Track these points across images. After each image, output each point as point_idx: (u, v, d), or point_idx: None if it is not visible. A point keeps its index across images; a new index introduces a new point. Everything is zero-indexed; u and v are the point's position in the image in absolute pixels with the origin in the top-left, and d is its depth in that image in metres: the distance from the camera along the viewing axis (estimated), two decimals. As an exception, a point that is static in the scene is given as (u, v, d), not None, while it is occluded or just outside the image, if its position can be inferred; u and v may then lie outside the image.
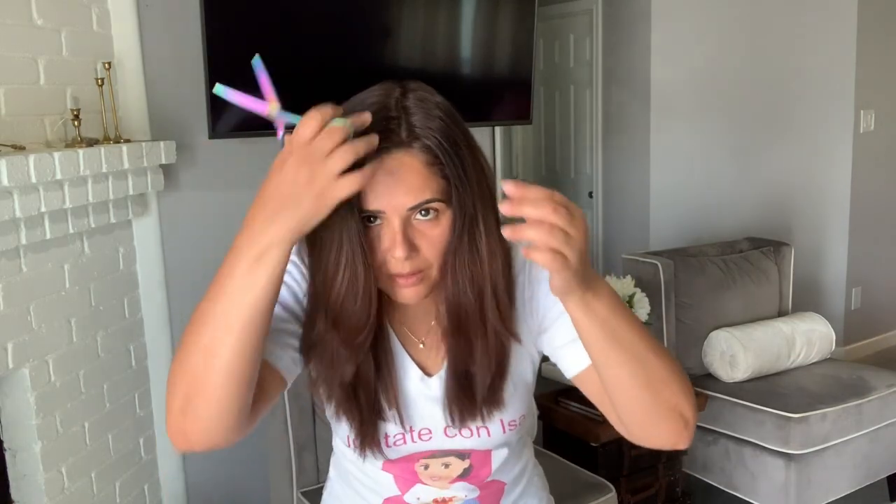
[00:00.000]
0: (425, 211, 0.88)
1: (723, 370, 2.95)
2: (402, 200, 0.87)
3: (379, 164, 0.84)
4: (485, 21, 2.92)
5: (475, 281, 0.92)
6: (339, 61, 2.60)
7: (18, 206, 1.80)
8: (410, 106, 0.89)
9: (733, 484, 2.84)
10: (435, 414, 1.02)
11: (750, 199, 4.04)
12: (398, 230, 0.87)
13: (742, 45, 3.90)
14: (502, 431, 1.04)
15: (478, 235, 0.91)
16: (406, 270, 0.89)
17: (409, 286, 0.91)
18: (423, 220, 0.88)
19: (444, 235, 0.89)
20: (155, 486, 2.54)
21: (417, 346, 1.03)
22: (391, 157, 0.86)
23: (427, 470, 1.07)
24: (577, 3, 4.16)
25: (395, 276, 0.90)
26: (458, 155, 0.89)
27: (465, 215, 0.89)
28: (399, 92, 0.90)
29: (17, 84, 1.95)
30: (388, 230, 0.88)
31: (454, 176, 0.88)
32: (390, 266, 0.90)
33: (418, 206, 0.87)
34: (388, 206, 0.87)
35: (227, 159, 2.58)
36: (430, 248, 0.89)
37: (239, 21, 2.43)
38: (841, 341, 4.23)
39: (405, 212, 0.87)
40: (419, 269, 0.90)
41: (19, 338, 1.94)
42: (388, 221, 0.88)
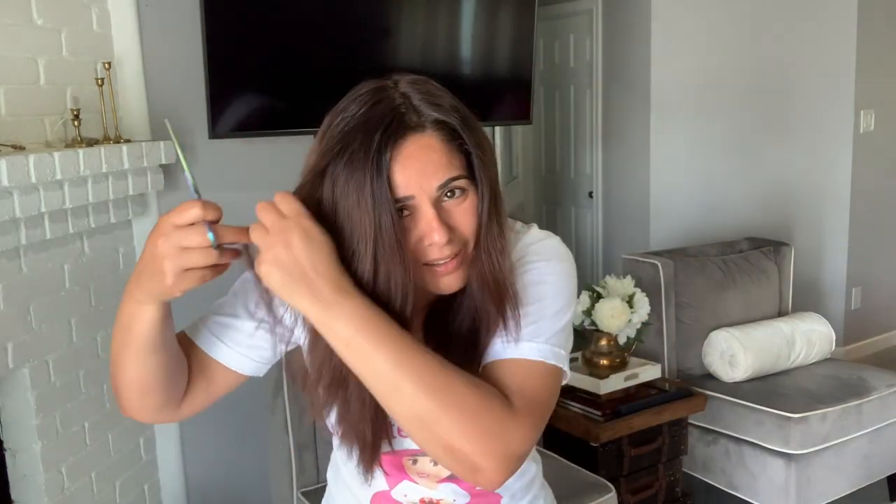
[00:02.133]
0: (451, 191, 0.88)
1: (723, 370, 2.95)
2: (430, 182, 0.86)
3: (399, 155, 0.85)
4: (485, 21, 2.92)
5: (505, 253, 0.91)
6: (339, 61, 2.60)
7: (18, 206, 1.80)
8: (409, 91, 0.89)
9: (733, 484, 2.84)
10: None
11: (750, 199, 4.04)
12: (433, 214, 0.86)
13: (742, 46, 3.90)
14: None
15: (502, 208, 0.91)
16: (446, 254, 0.88)
17: (450, 272, 0.89)
18: (451, 200, 0.88)
19: (474, 212, 0.89)
20: (155, 486, 2.54)
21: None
22: (409, 143, 0.86)
23: (415, 465, 1.05)
24: (577, 3, 4.16)
25: (433, 266, 0.89)
26: (470, 126, 0.89)
27: (490, 188, 0.90)
28: (391, 83, 0.90)
29: (17, 84, 1.96)
30: (420, 217, 0.87)
31: (474, 146, 0.89)
32: (427, 254, 0.88)
33: (446, 183, 0.87)
34: (417, 190, 0.86)
35: (227, 159, 2.58)
36: (464, 226, 0.89)
37: (239, 21, 2.43)
38: (841, 341, 4.23)
39: (435, 192, 0.87)
40: (457, 253, 0.89)
41: (19, 338, 1.94)
42: (418, 208, 0.87)
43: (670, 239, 3.73)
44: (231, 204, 2.73)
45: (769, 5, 3.95)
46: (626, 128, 3.94)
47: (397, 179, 0.85)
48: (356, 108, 0.88)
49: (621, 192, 4.04)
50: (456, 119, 0.88)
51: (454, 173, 0.87)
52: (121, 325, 0.89)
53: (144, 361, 0.89)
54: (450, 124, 0.88)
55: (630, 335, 2.59)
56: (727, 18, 3.85)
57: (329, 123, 0.89)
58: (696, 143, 3.87)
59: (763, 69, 3.97)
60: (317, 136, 0.91)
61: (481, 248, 0.90)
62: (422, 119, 0.87)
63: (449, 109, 0.89)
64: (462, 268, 0.90)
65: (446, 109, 0.88)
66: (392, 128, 0.85)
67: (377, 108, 0.87)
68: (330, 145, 0.87)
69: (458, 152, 0.88)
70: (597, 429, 2.44)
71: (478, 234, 0.90)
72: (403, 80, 0.90)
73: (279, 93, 2.55)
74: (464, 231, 0.89)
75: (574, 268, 1.00)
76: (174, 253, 0.80)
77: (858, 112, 4.25)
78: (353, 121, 0.87)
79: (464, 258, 0.90)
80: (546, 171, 4.79)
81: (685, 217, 3.86)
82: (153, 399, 0.94)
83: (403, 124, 0.86)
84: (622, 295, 2.56)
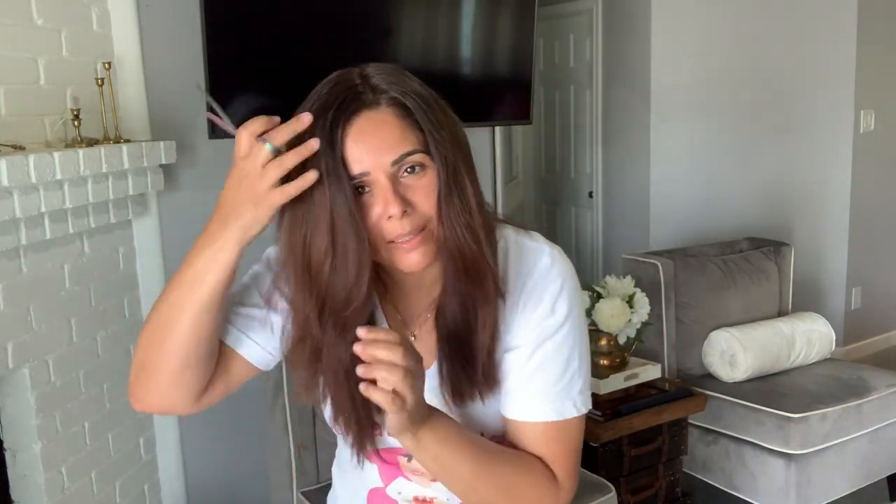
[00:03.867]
0: (411, 167, 0.88)
1: (723, 370, 2.95)
2: (383, 157, 0.87)
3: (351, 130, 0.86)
4: (485, 21, 2.92)
5: (472, 228, 0.91)
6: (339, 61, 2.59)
7: (18, 206, 1.79)
8: (371, 73, 0.91)
9: (733, 484, 2.84)
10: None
11: (750, 199, 4.04)
12: (388, 188, 0.87)
13: (742, 46, 3.90)
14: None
15: (464, 184, 0.91)
16: (406, 229, 0.88)
17: (414, 248, 0.90)
18: (410, 176, 0.89)
19: (433, 186, 0.89)
20: (155, 486, 2.54)
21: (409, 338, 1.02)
22: (362, 118, 0.87)
23: (409, 463, 1.06)
24: (577, 3, 4.16)
25: (398, 242, 0.89)
26: (427, 105, 0.90)
27: (448, 164, 0.90)
28: (357, 68, 0.93)
29: (17, 84, 1.95)
30: (377, 193, 0.88)
31: (428, 124, 0.89)
32: (389, 231, 0.89)
33: (400, 158, 0.87)
34: (371, 166, 0.87)
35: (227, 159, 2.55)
36: (424, 201, 0.89)
37: (239, 21, 2.43)
38: (841, 341, 4.23)
39: (390, 168, 0.87)
40: (420, 227, 0.89)
41: (19, 338, 1.94)
42: (375, 184, 0.88)
43: (670, 239, 3.73)
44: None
45: (769, 5, 3.94)
46: (626, 128, 3.94)
47: (352, 155, 0.86)
48: (318, 92, 0.90)
49: (621, 192, 4.04)
50: (414, 97, 0.89)
51: (409, 148, 0.88)
52: (183, 286, 0.89)
53: (201, 321, 0.90)
54: (404, 102, 0.89)
55: (630, 335, 2.59)
56: (727, 18, 3.85)
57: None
58: (696, 143, 3.87)
59: (763, 69, 3.97)
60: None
61: (444, 225, 0.90)
62: (377, 96, 0.88)
63: (408, 88, 0.90)
64: (427, 245, 0.90)
65: (405, 90, 0.90)
66: (345, 104, 0.87)
67: (335, 88, 0.89)
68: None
69: (415, 129, 0.89)
70: (597, 429, 2.44)
71: (438, 210, 0.90)
72: (370, 66, 0.93)
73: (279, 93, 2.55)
74: (424, 207, 0.89)
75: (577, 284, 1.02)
76: (255, 176, 0.84)
77: (858, 112, 4.25)
78: (311, 105, 0.89)
79: (427, 235, 0.90)
80: (546, 171, 4.79)
81: (685, 217, 3.86)
82: (187, 377, 0.94)
83: (358, 101, 0.88)
84: (622, 295, 2.56)
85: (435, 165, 0.89)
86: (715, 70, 3.85)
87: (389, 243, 0.90)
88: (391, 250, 0.90)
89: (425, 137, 0.89)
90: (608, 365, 2.59)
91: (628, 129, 3.93)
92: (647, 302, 2.58)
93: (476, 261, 0.92)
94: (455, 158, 0.91)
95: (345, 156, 0.86)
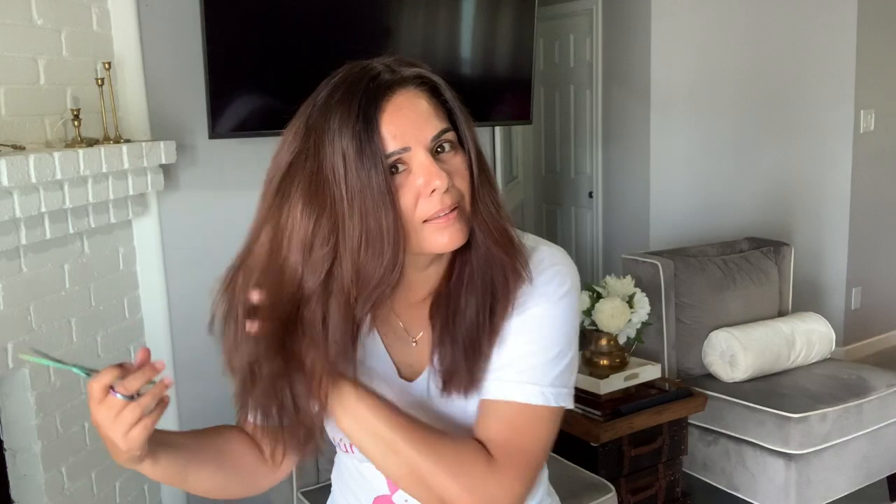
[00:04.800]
0: (443, 145, 0.88)
1: (723, 370, 2.95)
2: (424, 132, 0.87)
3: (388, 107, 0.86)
4: (485, 21, 2.92)
5: (501, 205, 0.93)
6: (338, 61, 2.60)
7: (18, 206, 1.80)
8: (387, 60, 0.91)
9: (733, 484, 2.84)
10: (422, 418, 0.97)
11: (750, 199, 4.04)
12: (430, 161, 0.86)
13: (742, 45, 3.90)
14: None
15: (487, 165, 0.93)
16: (447, 203, 0.86)
17: (450, 224, 0.87)
18: (444, 153, 0.88)
19: (465, 164, 0.90)
20: (155, 486, 2.54)
21: (407, 345, 0.99)
22: (398, 96, 0.87)
23: None
24: (577, 3, 4.16)
25: (433, 221, 0.87)
26: (448, 91, 0.91)
27: (475, 145, 0.92)
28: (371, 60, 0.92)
29: (17, 84, 1.96)
30: (417, 170, 0.86)
31: (455, 104, 0.90)
32: (427, 208, 0.86)
33: (439, 134, 0.88)
34: (413, 141, 0.86)
35: (227, 159, 2.58)
36: (459, 178, 0.89)
37: (239, 21, 2.43)
38: (841, 341, 4.23)
39: (430, 143, 0.87)
40: (457, 203, 0.88)
41: (19, 338, 1.94)
42: (414, 159, 0.86)
43: (670, 239, 3.73)
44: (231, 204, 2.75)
45: (769, 5, 3.94)
46: (626, 128, 3.94)
47: (389, 132, 0.85)
48: (335, 83, 0.89)
49: (621, 192, 4.04)
50: (439, 79, 0.91)
51: (445, 125, 0.88)
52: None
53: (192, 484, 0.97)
54: (432, 80, 0.90)
55: (630, 335, 2.59)
56: (727, 18, 3.85)
57: (302, 112, 0.91)
58: (696, 143, 3.87)
59: (763, 69, 3.97)
60: (286, 132, 0.91)
61: (478, 201, 0.91)
62: (406, 77, 0.88)
63: (427, 69, 0.91)
64: (462, 221, 0.88)
65: (430, 71, 0.91)
66: (376, 83, 0.86)
67: (358, 74, 0.88)
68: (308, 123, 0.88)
69: (442, 108, 0.90)
70: (597, 429, 2.44)
71: (472, 187, 0.90)
72: (385, 56, 0.92)
73: (279, 93, 2.55)
74: (460, 183, 0.89)
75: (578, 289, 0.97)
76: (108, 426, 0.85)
77: (858, 112, 4.25)
78: (334, 90, 0.87)
79: (461, 213, 0.88)
80: (546, 171, 4.79)
81: (685, 217, 3.86)
82: (233, 491, 1.01)
83: (389, 81, 0.87)
84: (622, 295, 2.56)
85: (464, 146, 0.91)
86: (715, 70, 3.85)
87: (425, 223, 0.87)
88: (424, 231, 0.87)
89: (454, 118, 0.90)
90: (608, 365, 2.59)
91: (628, 129, 3.93)
92: (647, 302, 2.58)
93: (507, 234, 0.93)
94: (474, 134, 0.93)
95: (381, 133, 0.85)
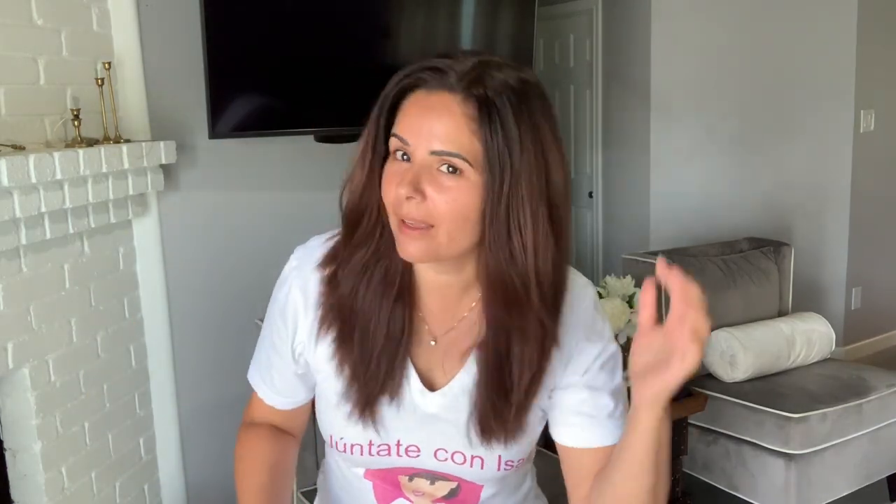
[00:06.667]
0: (450, 167, 0.84)
1: (723, 370, 2.95)
2: (429, 141, 0.84)
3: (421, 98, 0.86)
4: (485, 21, 2.92)
5: (516, 261, 0.86)
6: (338, 61, 2.60)
7: (18, 206, 1.79)
8: (472, 61, 0.86)
9: (733, 484, 2.84)
10: (428, 432, 0.98)
11: (750, 199, 4.04)
12: (412, 169, 0.85)
13: (742, 45, 3.90)
14: (496, 468, 1.00)
15: (522, 221, 0.85)
16: (409, 213, 0.85)
17: (412, 239, 0.86)
18: (445, 173, 0.84)
19: (461, 199, 0.84)
20: (155, 486, 2.54)
21: (427, 347, 0.98)
22: (434, 95, 0.85)
23: (411, 482, 1.03)
24: (577, 3, 4.16)
25: (402, 224, 0.87)
26: (504, 127, 0.83)
27: (504, 187, 0.84)
28: (470, 51, 0.90)
29: (17, 84, 1.95)
30: (407, 167, 0.86)
31: (494, 146, 0.83)
32: (395, 204, 0.87)
33: (442, 153, 0.84)
34: (414, 138, 0.85)
35: (227, 159, 2.58)
36: (443, 204, 0.84)
37: (239, 21, 2.43)
38: (841, 341, 4.22)
39: (428, 155, 0.84)
40: (424, 221, 0.85)
41: (19, 338, 1.94)
42: (411, 156, 0.86)
43: (670, 239, 3.73)
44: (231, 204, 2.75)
45: (769, 5, 3.94)
46: (626, 128, 3.94)
47: (407, 119, 0.87)
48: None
49: (621, 192, 4.04)
50: (498, 107, 0.83)
51: (455, 150, 0.83)
52: None
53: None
54: (483, 106, 0.83)
55: (630, 335, 2.59)
56: (727, 18, 3.85)
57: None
58: (696, 143, 3.87)
59: (763, 69, 3.96)
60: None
61: (488, 249, 0.87)
62: (460, 84, 0.84)
63: (498, 98, 0.83)
64: (424, 242, 0.86)
65: (496, 96, 0.83)
66: (431, 74, 0.85)
67: (437, 57, 0.87)
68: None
69: (475, 138, 0.83)
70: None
71: (482, 229, 0.86)
72: (482, 55, 0.88)
73: (279, 93, 2.55)
74: (438, 208, 0.84)
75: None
76: None
77: (858, 112, 4.25)
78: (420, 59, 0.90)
79: (429, 234, 0.86)
80: (546, 171, 4.78)
81: (685, 217, 3.85)
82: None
83: (442, 79, 0.85)
84: (622, 295, 2.56)
85: (481, 181, 0.84)
86: (715, 70, 3.85)
87: (400, 221, 0.87)
88: (397, 229, 0.88)
89: (485, 152, 0.83)
90: (608, 365, 2.58)
91: (628, 129, 3.92)
92: (648, 302, 2.58)
93: (517, 296, 0.88)
94: (522, 195, 0.84)
95: (402, 113, 0.87)
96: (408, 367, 0.97)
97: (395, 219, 0.88)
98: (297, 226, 1.44)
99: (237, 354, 1.11)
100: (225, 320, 2.57)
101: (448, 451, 0.99)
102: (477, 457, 0.98)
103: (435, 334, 0.98)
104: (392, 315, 0.93)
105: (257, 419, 1.12)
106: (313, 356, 1.00)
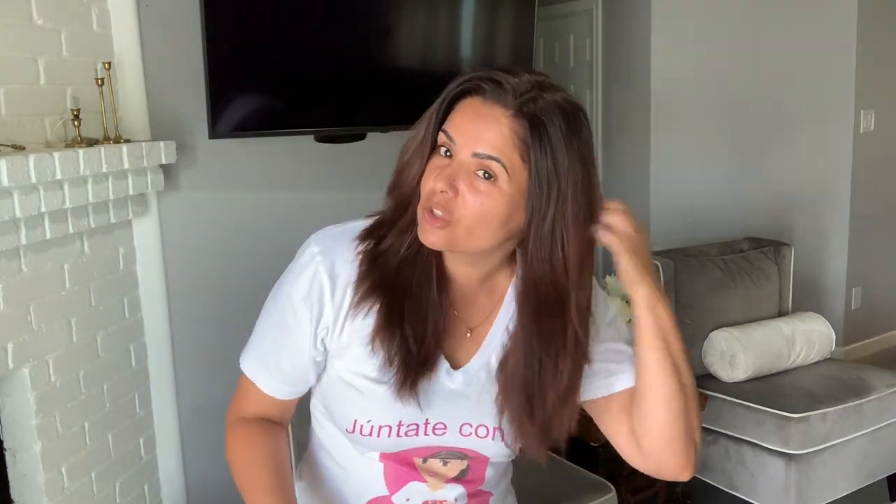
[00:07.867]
0: (487, 173, 0.89)
1: (723, 370, 2.95)
2: (474, 143, 0.90)
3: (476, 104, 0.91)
4: (485, 21, 2.92)
5: (556, 272, 0.93)
6: (339, 61, 2.60)
7: (18, 206, 1.79)
8: (530, 82, 0.91)
9: (733, 484, 2.84)
10: (454, 408, 1.02)
11: (750, 199, 4.04)
12: (452, 166, 0.91)
13: (742, 45, 3.90)
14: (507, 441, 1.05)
15: (565, 240, 0.92)
16: (438, 205, 0.91)
17: (433, 228, 0.92)
18: (481, 178, 0.90)
19: (488, 204, 0.90)
20: (155, 486, 2.54)
21: (460, 335, 1.03)
22: (487, 105, 0.90)
23: (425, 464, 1.05)
24: (577, 3, 4.16)
25: (427, 213, 0.92)
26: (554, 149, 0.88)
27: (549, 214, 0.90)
28: (531, 70, 0.94)
29: (17, 84, 1.95)
30: (447, 163, 0.92)
31: (543, 166, 0.88)
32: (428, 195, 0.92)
33: (484, 156, 0.89)
34: (461, 138, 0.90)
35: (227, 159, 2.58)
36: (471, 204, 0.90)
37: (239, 21, 2.43)
38: (841, 341, 4.23)
39: (470, 156, 0.90)
40: (447, 215, 0.91)
41: (19, 338, 1.94)
42: (454, 155, 0.91)
43: (670, 239, 3.73)
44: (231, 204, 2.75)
45: (769, 5, 3.94)
46: (626, 128, 3.94)
47: (459, 120, 0.91)
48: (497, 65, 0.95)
49: (621, 192, 4.03)
50: (546, 132, 0.88)
51: (496, 154, 0.89)
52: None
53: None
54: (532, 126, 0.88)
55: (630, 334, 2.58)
56: (727, 18, 3.85)
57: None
58: (696, 142, 3.87)
59: (763, 69, 3.96)
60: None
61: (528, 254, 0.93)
62: (514, 102, 0.89)
63: (549, 122, 0.88)
64: (444, 233, 0.91)
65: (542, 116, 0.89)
66: (489, 83, 0.90)
67: (500, 70, 0.91)
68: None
69: (517, 153, 0.89)
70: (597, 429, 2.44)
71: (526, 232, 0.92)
72: (543, 80, 0.92)
73: (279, 93, 2.55)
74: (463, 206, 0.90)
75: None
76: None
77: (858, 112, 4.25)
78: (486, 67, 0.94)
79: (448, 226, 0.91)
80: (546, 171, 4.78)
81: (685, 217, 3.85)
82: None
83: (499, 95, 0.90)
84: (622, 295, 2.56)
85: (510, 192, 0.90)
86: (715, 70, 3.85)
87: (427, 210, 0.92)
88: (422, 216, 0.93)
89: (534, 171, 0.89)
90: (608, 365, 2.59)
91: (628, 130, 3.93)
92: (647, 302, 2.58)
93: (548, 298, 0.95)
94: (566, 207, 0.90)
95: (455, 113, 0.92)
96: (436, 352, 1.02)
97: (423, 206, 0.93)
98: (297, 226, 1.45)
99: (237, 354, 1.11)
100: (225, 320, 2.57)
101: (473, 424, 1.03)
102: (498, 428, 1.04)
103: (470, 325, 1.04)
104: (439, 296, 1.00)
105: (248, 413, 1.11)
106: (337, 340, 1.01)
